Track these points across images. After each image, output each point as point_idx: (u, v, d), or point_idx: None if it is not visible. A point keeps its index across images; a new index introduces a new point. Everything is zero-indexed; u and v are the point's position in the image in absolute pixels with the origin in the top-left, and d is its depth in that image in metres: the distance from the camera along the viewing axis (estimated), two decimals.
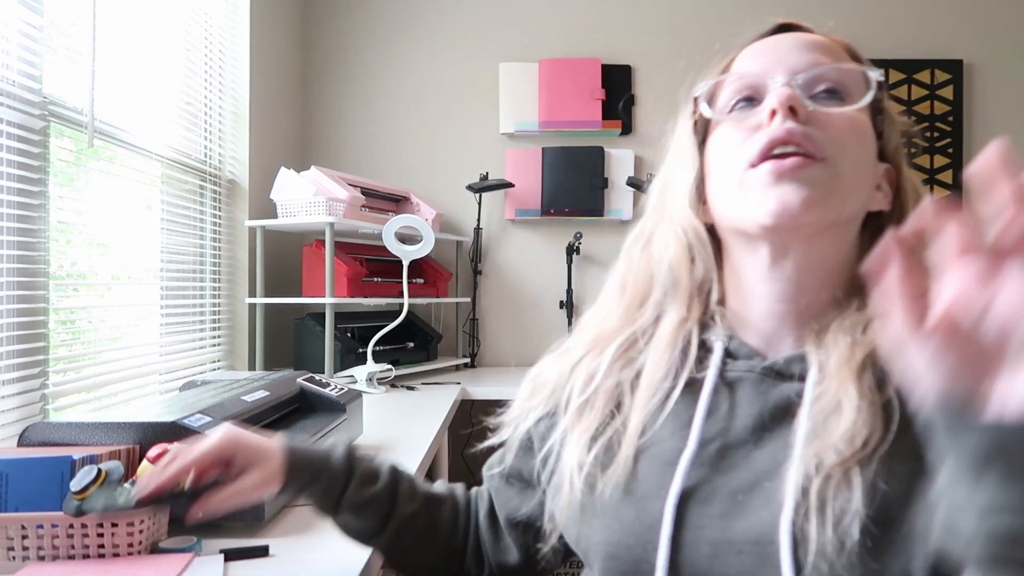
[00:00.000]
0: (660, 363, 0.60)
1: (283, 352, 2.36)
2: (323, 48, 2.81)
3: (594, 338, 0.66)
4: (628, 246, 0.68)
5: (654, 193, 0.67)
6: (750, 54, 0.61)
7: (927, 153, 2.77)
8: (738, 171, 0.56)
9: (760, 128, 0.55)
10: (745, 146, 0.56)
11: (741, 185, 0.55)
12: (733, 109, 0.59)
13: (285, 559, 0.92)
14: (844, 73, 0.56)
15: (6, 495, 0.91)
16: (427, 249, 2.05)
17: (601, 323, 0.66)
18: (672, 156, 0.65)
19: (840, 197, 0.54)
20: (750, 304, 0.60)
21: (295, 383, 1.47)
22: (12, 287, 1.31)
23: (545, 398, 0.68)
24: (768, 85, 0.56)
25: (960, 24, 2.81)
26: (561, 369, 0.67)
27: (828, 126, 0.54)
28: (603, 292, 0.70)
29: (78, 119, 1.50)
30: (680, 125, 0.64)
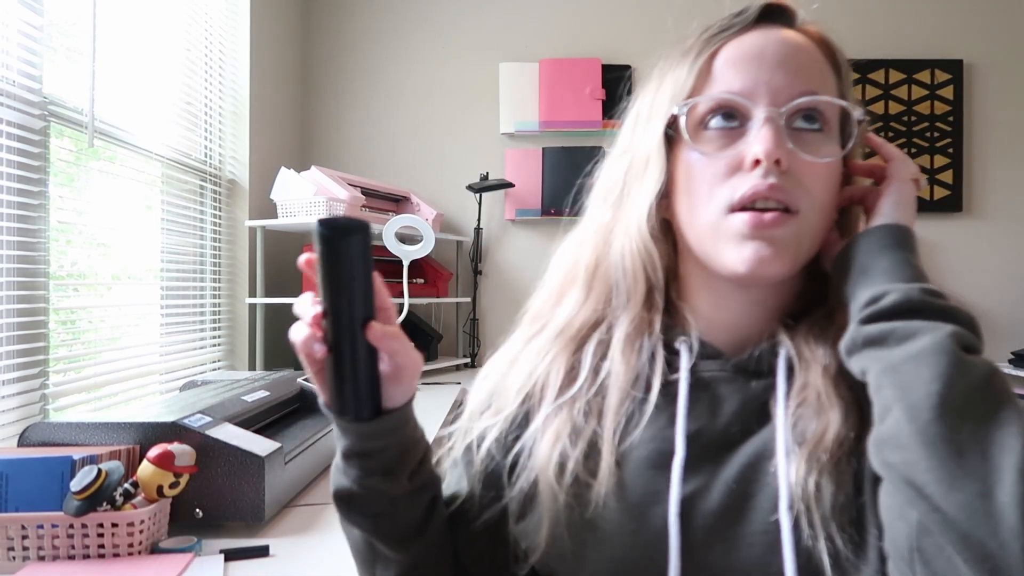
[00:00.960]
0: (628, 366, 0.59)
1: (283, 352, 2.36)
2: (323, 48, 2.81)
3: (561, 331, 0.63)
4: (589, 234, 0.65)
5: (613, 183, 0.64)
6: (733, 60, 0.57)
7: (927, 153, 2.77)
8: (715, 213, 0.56)
9: (740, 168, 0.55)
10: (724, 188, 0.55)
11: (717, 229, 0.56)
12: (708, 124, 0.57)
13: (285, 559, 0.92)
14: (827, 105, 0.57)
15: (6, 495, 0.91)
16: (427, 249, 2.05)
17: (569, 316, 0.63)
18: (638, 156, 0.61)
19: (806, 246, 0.57)
20: (715, 305, 0.61)
21: (295, 383, 1.47)
22: (12, 287, 1.31)
23: (510, 408, 0.62)
24: (752, 112, 0.55)
25: (960, 24, 2.81)
26: (529, 370, 0.63)
27: (805, 175, 0.55)
28: (558, 279, 0.66)
29: (78, 119, 1.50)
30: (656, 124, 0.60)
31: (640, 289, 0.61)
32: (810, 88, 0.56)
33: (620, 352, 0.59)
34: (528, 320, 0.67)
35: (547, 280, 0.68)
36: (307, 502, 1.13)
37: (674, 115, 0.58)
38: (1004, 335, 2.79)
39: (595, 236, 0.64)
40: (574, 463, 0.56)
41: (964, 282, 2.81)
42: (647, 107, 0.62)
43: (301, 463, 1.16)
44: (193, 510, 0.99)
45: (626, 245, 0.61)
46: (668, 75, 0.61)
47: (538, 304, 0.67)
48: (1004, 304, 2.80)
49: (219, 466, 0.99)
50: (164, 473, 0.93)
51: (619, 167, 0.64)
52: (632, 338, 0.60)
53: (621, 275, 0.61)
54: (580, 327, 0.62)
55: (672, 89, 0.59)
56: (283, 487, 1.08)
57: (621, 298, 0.61)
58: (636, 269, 0.60)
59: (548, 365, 0.62)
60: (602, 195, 0.65)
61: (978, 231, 2.81)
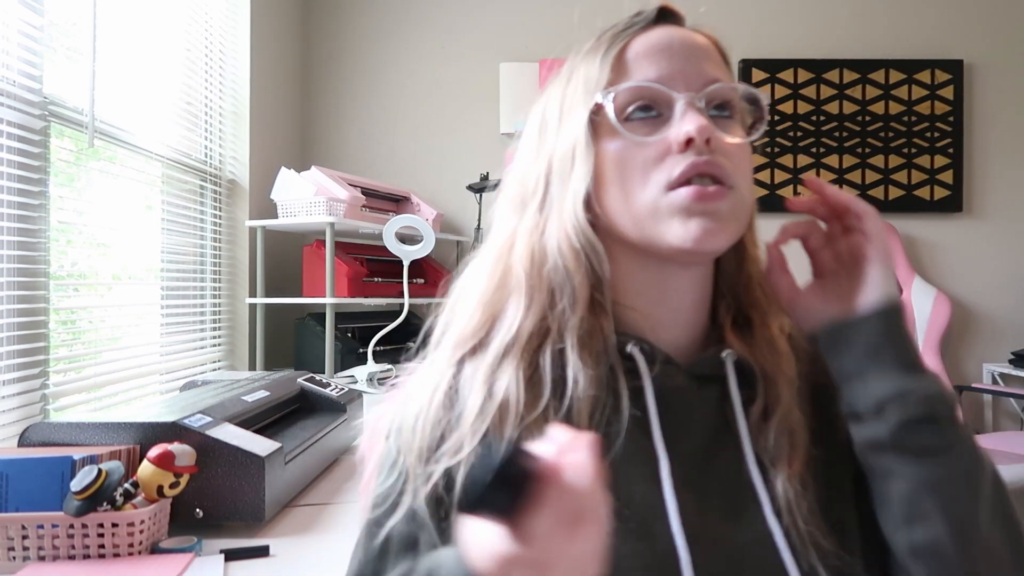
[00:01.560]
0: (591, 374, 0.55)
1: (283, 352, 2.36)
2: (323, 48, 2.81)
3: (509, 345, 0.57)
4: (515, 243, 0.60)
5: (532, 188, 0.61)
6: (644, 52, 0.59)
7: (927, 153, 2.77)
8: (654, 192, 0.56)
9: (668, 152, 0.56)
10: (659, 170, 0.56)
11: (658, 207, 0.56)
12: (630, 116, 0.58)
13: (285, 559, 0.92)
14: (737, 92, 0.60)
15: (7, 495, 0.91)
16: (427, 249, 2.05)
17: (514, 327, 0.57)
18: (560, 153, 0.60)
19: (743, 221, 0.59)
20: (654, 299, 0.60)
21: (295, 383, 1.47)
22: (12, 287, 1.32)
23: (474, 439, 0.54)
24: (672, 100, 0.57)
25: (960, 24, 2.81)
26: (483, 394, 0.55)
27: (731, 155, 0.57)
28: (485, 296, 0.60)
29: (78, 119, 1.50)
30: (577, 119, 0.59)
31: (585, 290, 0.58)
32: (718, 77, 0.58)
33: (579, 359, 0.56)
34: (453, 345, 0.60)
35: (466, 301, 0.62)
36: (307, 502, 1.13)
37: (599, 103, 0.58)
38: (1004, 335, 2.79)
39: (524, 243, 0.60)
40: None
41: (964, 282, 2.81)
42: (557, 106, 0.62)
43: (301, 463, 1.16)
44: (193, 510, 0.99)
45: (564, 244, 0.58)
46: (577, 72, 0.62)
47: (462, 326, 0.61)
48: (1004, 304, 2.80)
49: (219, 466, 0.99)
50: (164, 473, 0.93)
51: (535, 170, 0.62)
52: (587, 343, 0.57)
53: (564, 276, 0.58)
54: (529, 336, 0.57)
55: (586, 83, 0.60)
56: (283, 487, 1.08)
57: (567, 300, 0.58)
58: (578, 267, 0.58)
59: (507, 383, 0.55)
60: (519, 202, 0.62)
61: (978, 231, 2.81)
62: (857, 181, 2.78)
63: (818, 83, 2.78)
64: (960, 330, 2.80)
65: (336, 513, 1.08)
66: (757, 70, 2.78)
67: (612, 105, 0.57)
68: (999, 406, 2.78)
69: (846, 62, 2.77)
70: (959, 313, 2.78)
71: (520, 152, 0.65)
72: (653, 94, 0.57)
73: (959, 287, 2.80)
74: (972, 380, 2.76)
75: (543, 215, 0.60)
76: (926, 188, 2.77)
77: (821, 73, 2.78)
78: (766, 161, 2.78)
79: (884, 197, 2.78)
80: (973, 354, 2.80)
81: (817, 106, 2.78)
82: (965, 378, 2.77)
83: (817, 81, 2.78)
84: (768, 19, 2.81)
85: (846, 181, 2.77)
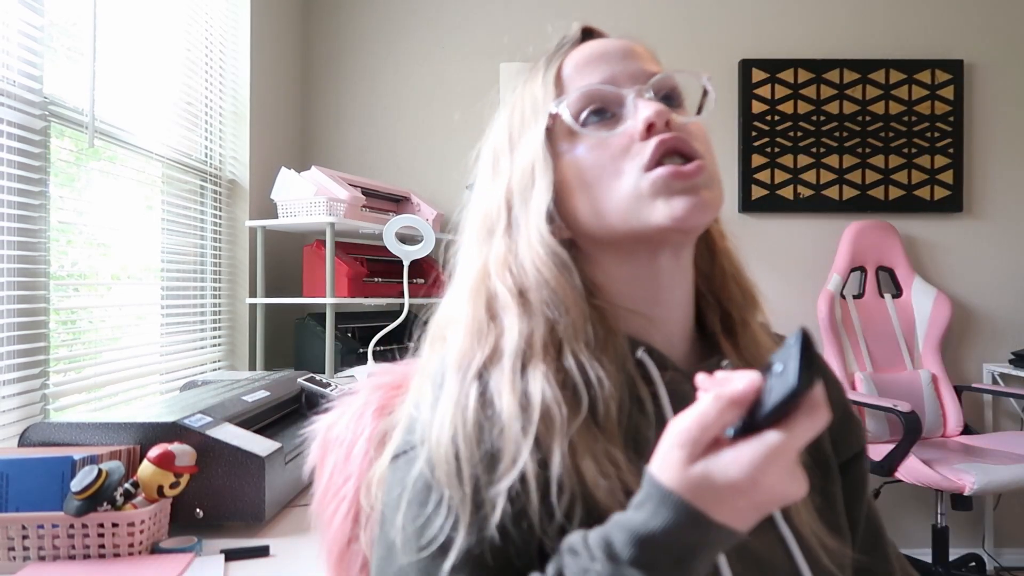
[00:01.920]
0: (616, 378, 0.55)
1: (284, 352, 2.36)
2: (323, 48, 2.81)
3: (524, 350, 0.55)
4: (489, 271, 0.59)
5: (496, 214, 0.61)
6: (583, 63, 0.61)
7: (927, 153, 2.77)
8: (631, 180, 0.56)
9: (632, 142, 0.57)
10: (629, 156, 0.57)
11: (638, 191, 0.56)
12: (585, 122, 0.59)
13: (285, 559, 0.92)
14: (678, 78, 0.61)
15: (7, 495, 0.91)
16: (428, 249, 2.05)
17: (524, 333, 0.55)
18: (519, 174, 0.60)
19: (720, 194, 0.59)
20: (646, 297, 0.60)
21: (296, 383, 1.47)
22: (12, 287, 1.32)
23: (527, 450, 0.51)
24: (623, 96, 0.58)
25: (960, 24, 2.81)
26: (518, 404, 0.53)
27: (693, 135, 0.58)
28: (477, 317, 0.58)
29: (78, 119, 1.50)
30: (533, 137, 0.60)
31: (579, 301, 0.57)
32: (657, 70, 0.60)
33: (599, 364, 0.55)
34: (455, 365, 0.56)
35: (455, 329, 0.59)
36: (307, 502, 1.12)
37: (553, 114, 0.59)
38: (1004, 335, 2.79)
39: (499, 269, 0.59)
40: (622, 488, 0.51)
41: (964, 282, 2.81)
42: (506, 135, 0.64)
43: (302, 463, 1.15)
44: (193, 510, 0.99)
45: (539, 261, 0.57)
46: (520, 100, 0.64)
47: (458, 348, 0.57)
48: (1004, 304, 2.80)
49: (219, 466, 0.99)
50: (164, 473, 0.93)
51: (495, 199, 0.62)
52: (604, 348, 0.56)
53: (551, 293, 0.57)
54: (544, 345, 0.55)
55: (532, 104, 0.62)
56: (283, 487, 1.08)
57: (564, 314, 0.56)
58: (561, 281, 0.57)
59: (541, 390, 0.53)
60: (484, 232, 0.62)
61: (978, 231, 2.81)
62: (857, 181, 2.78)
63: (818, 83, 2.78)
64: (960, 330, 2.80)
65: None
66: (757, 70, 2.78)
67: (568, 111, 0.59)
68: (999, 406, 2.78)
69: (846, 62, 2.77)
70: (959, 313, 2.78)
71: (477, 189, 0.66)
72: (603, 94, 0.59)
73: (959, 287, 2.80)
74: (972, 380, 2.76)
75: (511, 239, 0.60)
76: (926, 188, 2.77)
77: (821, 73, 2.78)
78: (766, 161, 2.78)
79: (884, 197, 2.78)
80: (973, 354, 2.80)
81: (817, 106, 2.78)
82: (965, 378, 2.77)
83: (817, 81, 2.78)
84: (768, 19, 2.81)
85: (846, 181, 2.77)
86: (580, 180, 0.59)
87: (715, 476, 0.41)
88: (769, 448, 0.40)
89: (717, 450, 0.42)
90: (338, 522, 0.65)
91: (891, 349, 2.67)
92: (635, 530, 0.43)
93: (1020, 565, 2.74)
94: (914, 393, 2.55)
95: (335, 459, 0.67)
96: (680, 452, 0.42)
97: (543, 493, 0.50)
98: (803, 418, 0.41)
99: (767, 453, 0.40)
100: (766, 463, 0.40)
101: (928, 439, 2.51)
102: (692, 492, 0.42)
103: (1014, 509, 2.75)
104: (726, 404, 0.42)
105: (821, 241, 2.77)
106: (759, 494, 0.41)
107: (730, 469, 0.41)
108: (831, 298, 2.61)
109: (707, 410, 0.42)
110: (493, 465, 0.51)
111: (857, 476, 0.66)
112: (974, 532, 2.75)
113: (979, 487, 2.02)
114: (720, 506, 0.41)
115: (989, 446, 2.38)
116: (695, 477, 0.42)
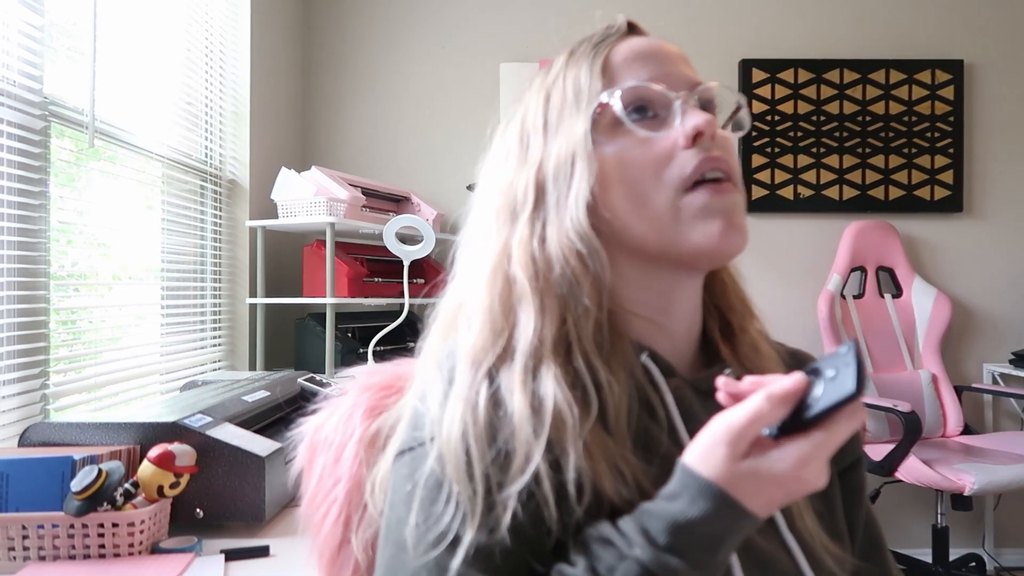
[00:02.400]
0: (624, 382, 0.55)
1: (284, 352, 2.36)
2: (323, 48, 2.81)
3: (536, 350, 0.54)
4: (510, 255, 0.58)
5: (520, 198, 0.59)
6: (632, 57, 0.60)
7: (927, 153, 2.77)
8: (670, 193, 0.56)
9: (675, 149, 0.56)
10: (672, 165, 0.56)
11: (676, 210, 0.56)
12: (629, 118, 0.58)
13: (285, 559, 0.92)
14: (722, 92, 0.61)
15: (7, 495, 0.91)
16: (428, 249, 2.05)
17: (536, 332, 0.54)
18: (557, 159, 0.59)
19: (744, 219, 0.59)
20: (657, 307, 0.60)
21: (296, 383, 1.47)
22: (13, 287, 1.32)
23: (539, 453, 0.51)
24: (670, 100, 0.58)
25: (960, 24, 2.81)
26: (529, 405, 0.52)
27: (728, 151, 0.58)
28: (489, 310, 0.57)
29: (79, 119, 1.50)
30: (576, 123, 0.59)
31: (596, 295, 0.56)
32: (700, 80, 0.60)
33: (607, 366, 0.55)
34: (470, 360, 0.55)
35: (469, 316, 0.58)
36: None
37: (603, 104, 0.58)
38: (1004, 335, 2.79)
39: (522, 253, 0.57)
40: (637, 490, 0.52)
41: (964, 282, 2.81)
42: (540, 116, 0.62)
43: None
44: (194, 510, 0.99)
45: (568, 250, 0.56)
46: (561, 82, 0.62)
47: (472, 340, 0.56)
48: (1004, 304, 2.80)
49: (220, 466, 0.99)
50: (165, 473, 0.93)
51: (522, 180, 0.60)
52: (612, 350, 0.56)
53: (572, 283, 0.56)
54: (554, 344, 0.54)
55: (576, 89, 0.60)
56: (283, 487, 1.08)
57: (579, 307, 0.56)
58: (585, 273, 0.56)
59: (552, 391, 0.52)
60: (507, 212, 0.60)
61: (978, 231, 2.81)
62: (857, 181, 2.78)
63: (818, 83, 2.78)
64: (960, 330, 2.80)
65: None
66: (757, 70, 2.78)
67: (620, 103, 0.57)
68: (999, 406, 2.78)
69: (846, 62, 2.77)
70: (959, 313, 2.78)
71: (496, 164, 0.64)
72: (652, 95, 0.58)
73: (959, 287, 2.80)
74: (972, 380, 2.76)
75: (539, 223, 0.59)
76: (926, 188, 2.77)
77: (821, 73, 2.78)
78: (766, 161, 2.78)
79: (884, 197, 2.78)
80: (973, 354, 2.80)
81: (817, 106, 2.78)
82: (965, 378, 2.77)
83: (817, 81, 2.78)
84: (768, 19, 2.81)
85: (846, 181, 2.77)
86: (620, 176, 0.57)
87: (762, 471, 0.44)
88: (817, 446, 0.44)
89: (758, 446, 0.45)
90: (328, 526, 0.64)
91: (891, 349, 2.67)
92: (672, 518, 0.45)
93: (1020, 565, 2.74)
94: (914, 393, 2.55)
95: (324, 461, 0.66)
96: (726, 447, 0.45)
97: (558, 495, 0.50)
98: (845, 420, 0.44)
99: (813, 451, 0.44)
100: (811, 459, 0.44)
101: (928, 439, 2.51)
102: (735, 485, 0.44)
103: (1014, 509, 2.75)
104: (779, 402, 0.44)
105: (821, 241, 2.77)
106: (795, 486, 0.45)
107: (777, 466, 0.44)
108: (831, 298, 2.61)
109: (760, 407, 0.44)
110: (506, 466, 0.51)
111: (855, 483, 0.66)
112: (974, 532, 2.75)
113: (979, 487, 2.02)
114: (758, 497, 0.44)
115: (989, 446, 2.38)
116: (743, 471, 0.44)
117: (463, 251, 0.64)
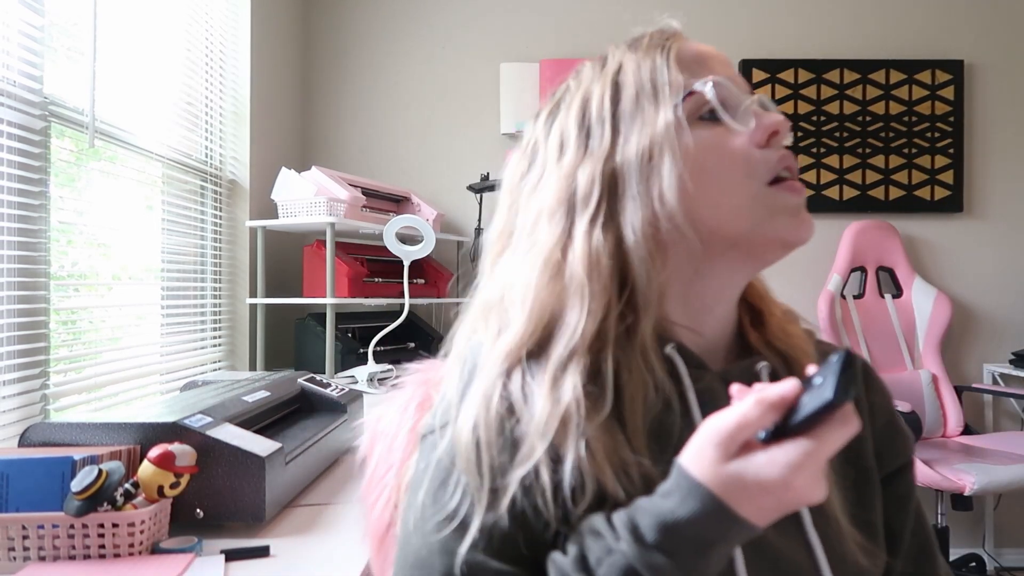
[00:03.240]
0: (646, 379, 0.55)
1: (284, 352, 2.36)
2: (323, 48, 2.81)
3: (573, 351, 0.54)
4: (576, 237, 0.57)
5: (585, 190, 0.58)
6: (697, 57, 0.61)
7: (927, 153, 2.77)
8: (753, 185, 0.57)
9: (750, 145, 0.58)
10: (759, 160, 0.58)
11: (759, 200, 0.57)
12: (703, 115, 0.59)
13: (285, 559, 0.92)
14: (766, 102, 0.63)
15: (7, 495, 0.91)
16: (428, 249, 2.05)
17: (578, 331, 0.55)
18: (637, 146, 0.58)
19: None
20: (702, 309, 0.60)
21: (296, 383, 1.47)
22: (13, 287, 1.31)
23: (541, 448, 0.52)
24: (741, 100, 0.59)
25: (960, 24, 2.81)
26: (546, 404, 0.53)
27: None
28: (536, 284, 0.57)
29: (79, 119, 1.50)
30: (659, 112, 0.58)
31: (654, 295, 0.56)
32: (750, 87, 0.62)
33: (636, 361, 0.55)
34: (506, 352, 0.56)
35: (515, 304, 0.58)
36: (308, 502, 1.13)
37: (694, 91, 0.58)
38: (1004, 335, 2.79)
39: (584, 244, 0.57)
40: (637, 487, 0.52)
41: (964, 282, 2.81)
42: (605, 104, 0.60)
43: (302, 463, 1.16)
44: (194, 510, 0.99)
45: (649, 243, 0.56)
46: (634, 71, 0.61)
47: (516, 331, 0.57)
48: (1004, 304, 2.80)
49: (220, 466, 0.99)
50: (165, 473, 0.93)
51: (587, 171, 0.59)
52: (644, 345, 0.56)
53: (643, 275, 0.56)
54: (591, 341, 0.55)
55: (654, 80, 0.59)
56: (284, 487, 1.08)
57: (640, 299, 0.56)
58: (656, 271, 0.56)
59: (570, 390, 0.53)
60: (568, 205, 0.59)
61: (978, 231, 2.81)
62: (857, 181, 2.78)
63: (818, 83, 2.78)
64: (960, 330, 2.80)
65: (337, 513, 1.08)
66: (757, 70, 2.78)
67: (714, 93, 0.58)
68: (999, 406, 2.78)
69: (846, 62, 2.77)
70: (959, 313, 2.78)
71: (542, 157, 0.62)
72: (731, 93, 0.59)
73: (959, 287, 2.80)
74: (972, 380, 2.76)
75: (606, 215, 0.58)
76: (926, 188, 2.77)
77: (821, 73, 2.78)
78: None
79: (884, 197, 2.78)
80: (973, 354, 2.80)
81: (817, 106, 2.78)
82: (965, 378, 2.77)
83: (817, 81, 2.78)
84: (768, 19, 2.81)
85: (846, 181, 2.77)
86: (704, 164, 0.57)
87: (748, 475, 0.44)
88: (803, 453, 0.43)
89: (749, 450, 0.45)
90: (379, 509, 0.68)
91: (891, 349, 2.67)
92: (662, 516, 0.45)
93: (1020, 565, 2.74)
94: (914, 393, 2.55)
95: (380, 450, 0.70)
96: (715, 449, 0.45)
97: (556, 489, 0.51)
98: (835, 428, 0.43)
99: (801, 458, 0.43)
100: (799, 467, 0.43)
101: (928, 439, 2.51)
102: (722, 487, 0.44)
103: (1014, 509, 2.75)
104: (768, 407, 0.44)
105: (821, 241, 2.77)
106: (786, 495, 0.44)
107: (763, 470, 0.44)
108: (831, 298, 2.61)
109: (749, 411, 0.44)
110: (513, 452, 0.53)
111: (901, 488, 0.64)
112: (974, 532, 2.75)
113: (979, 487, 2.02)
114: (747, 503, 0.44)
115: (989, 446, 2.38)
116: (728, 474, 0.44)
117: (497, 245, 0.63)
